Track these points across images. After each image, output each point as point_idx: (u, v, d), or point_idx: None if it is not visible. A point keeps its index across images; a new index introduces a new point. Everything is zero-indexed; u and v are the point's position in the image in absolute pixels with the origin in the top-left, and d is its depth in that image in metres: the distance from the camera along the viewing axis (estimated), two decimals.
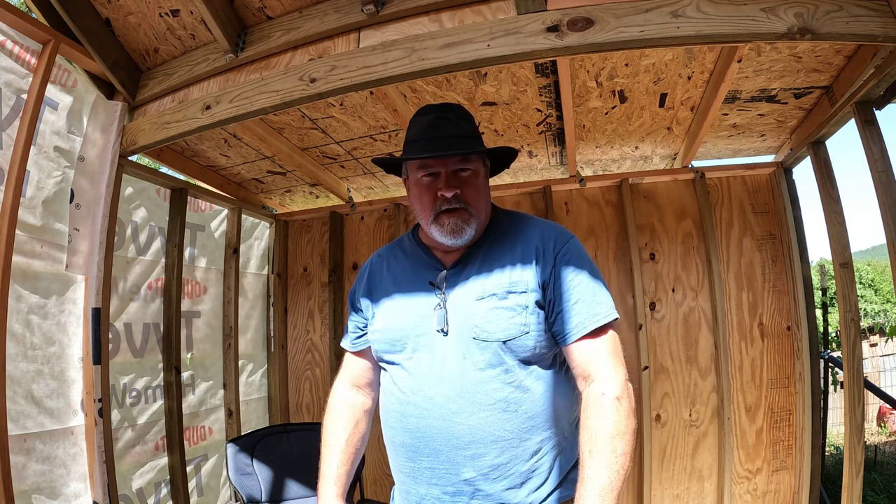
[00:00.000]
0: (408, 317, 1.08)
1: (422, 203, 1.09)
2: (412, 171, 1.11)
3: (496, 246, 1.11)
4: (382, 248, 1.28)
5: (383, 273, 1.19)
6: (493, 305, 1.01)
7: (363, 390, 1.23)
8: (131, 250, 2.19)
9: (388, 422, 1.09)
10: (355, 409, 1.21)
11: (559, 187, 2.71)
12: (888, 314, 14.79)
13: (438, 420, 1.00)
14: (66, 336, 1.75)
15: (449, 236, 1.05)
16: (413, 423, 1.03)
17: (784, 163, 2.49)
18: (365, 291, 1.20)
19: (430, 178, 1.08)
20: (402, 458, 1.06)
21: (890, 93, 1.62)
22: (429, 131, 1.09)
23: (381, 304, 1.14)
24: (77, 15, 1.69)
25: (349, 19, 1.61)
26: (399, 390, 1.06)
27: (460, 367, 1.00)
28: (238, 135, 2.33)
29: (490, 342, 0.99)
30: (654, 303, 2.57)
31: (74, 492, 1.69)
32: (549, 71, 1.91)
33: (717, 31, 1.34)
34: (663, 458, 2.51)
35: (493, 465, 0.98)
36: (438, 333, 1.04)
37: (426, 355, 1.04)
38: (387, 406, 1.10)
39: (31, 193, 1.65)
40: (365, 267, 1.25)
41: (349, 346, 1.23)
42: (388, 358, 1.10)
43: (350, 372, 1.24)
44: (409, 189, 1.14)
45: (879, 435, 5.19)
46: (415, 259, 1.16)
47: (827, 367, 3.39)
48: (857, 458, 1.87)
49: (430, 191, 1.07)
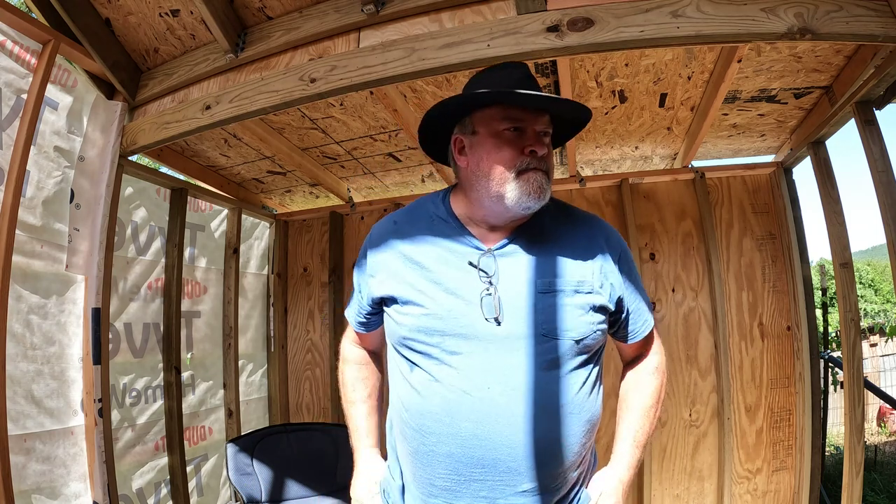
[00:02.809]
0: (450, 302, 0.94)
1: (501, 157, 0.95)
2: (487, 123, 0.98)
3: (552, 235, 1.03)
4: (397, 214, 1.11)
5: (407, 246, 1.03)
6: (562, 301, 0.95)
7: (373, 349, 1.22)
8: (131, 250, 2.19)
9: (423, 427, 0.93)
10: (370, 362, 1.20)
11: (559, 187, 2.71)
12: (888, 314, 14.80)
13: (504, 426, 0.88)
14: (66, 336, 1.75)
15: (534, 195, 0.94)
16: (469, 430, 0.89)
17: (784, 163, 2.49)
18: (382, 267, 1.03)
19: (514, 132, 0.96)
20: (444, 469, 0.91)
21: (890, 93, 1.62)
22: (527, 82, 0.98)
23: (412, 284, 0.98)
24: (77, 15, 1.69)
25: (349, 19, 1.61)
26: (445, 389, 0.91)
27: (524, 364, 0.91)
28: (238, 135, 2.33)
29: (560, 340, 0.93)
30: (653, 303, 2.57)
31: (74, 492, 1.69)
32: (549, 71, 1.91)
33: (717, 31, 1.34)
34: (663, 457, 2.51)
35: (554, 474, 0.91)
36: (489, 324, 0.92)
37: (478, 349, 0.91)
38: (421, 407, 0.93)
39: (31, 193, 1.65)
40: (377, 237, 1.08)
41: (356, 326, 1.17)
42: (423, 348, 0.94)
43: (357, 338, 1.21)
44: (477, 144, 0.98)
45: (879, 435, 5.19)
46: (446, 233, 1.02)
47: (827, 367, 3.39)
48: (857, 458, 1.87)
49: (514, 145, 0.96)
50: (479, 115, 0.99)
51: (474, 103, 0.99)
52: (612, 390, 2.61)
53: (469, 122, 1.00)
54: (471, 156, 1.00)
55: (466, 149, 1.01)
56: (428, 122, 1.05)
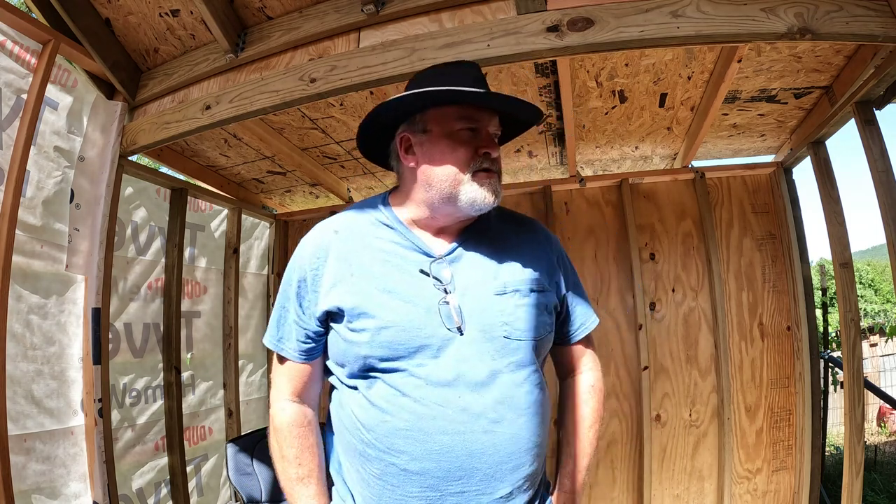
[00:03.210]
0: (410, 313, 0.90)
1: (456, 157, 0.93)
2: (441, 121, 0.95)
3: (498, 237, 1.03)
4: (335, 222, 1.01)
5: (353, 254, 0.96)
6: (519, 302, 0.95)
7: (311, 406, 1.03)
8: (131, 250, 2.19)
9: (392, 446, 0.86)
10: (312, 422, 1.01)
11: (559, 187, 2.71)
12: (888, 314, 14.80)
13: (481, 433, 0.86)
14: (66, 336, 1.75)
15: (489, 197, 0.94)
16: (444, 442, 0.85)
17: (784, 163, 2.49)
18: (328, 279, 0.95)
19: (470, 132, 0.95)
20: (418, 488, 0.85)
21: (890, 93, 1.62)
22: (483, 83, 0.97)
23: (365, 295, 0.91)
24: (77, 15, 1.69)
25: (349, 19, 1.61)
26: (415, 403, 0.86)
27: (492, 369, 0.89)
28: (238, 135, 2.33)
29: (522, 341, 0.93)
30: (654, 303, 2.57)
31: (74, 492, 1.69)
32: (549, 71, 1.91)
33: (717, 31, 1.34)
34: (663, 458, 2.51)
35: (528, 475, 0.90)
36: (451, 332, 0.89)
37: (444, 359, 0.88)
38: (388, 425, 0.87)
39: (31, 193, 1.65)
40: (317, 248, 0.97)
41: (297, 355, 0.99)
42: (387, 365, 0.89)
43: (295, 385, 1.01)
44: (429, 142, 0.96)
45: (879, 435, 5.19)
46: (393, 239, 0.97)
47: (827, 367, 3.39)
48: (857, 458, 1.87)
49: (468, 146, 0.94)
50: (433, 113, 0.96)
51: (431, 101, 0.95)
52: (611, 390, 2.62)
53: (420, 119, 0.97)
54: (421, 155, 0.96)
55: (415, 147, 0.97)
56: (371, 119, 0.99)
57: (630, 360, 2.55)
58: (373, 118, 0.99)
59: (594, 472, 2.55)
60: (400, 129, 0.99)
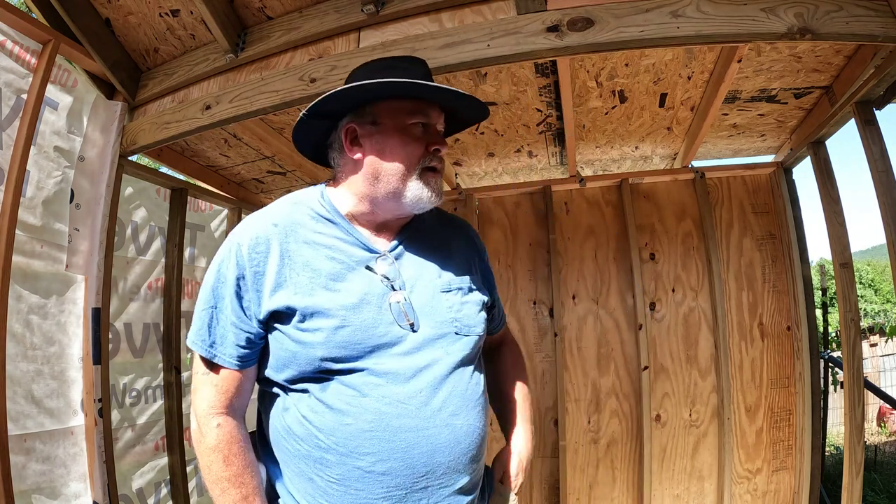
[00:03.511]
0: (363, 311, 0.88)
1: (407, 153, 0.91)
2: (393, 115, 0.93)
3: (435, 235, 1.04)
4: (272, 214, 0.95)
5: (295, 249, 0.91)
6: (463, 299, 0.98)
7: (243, 418, 0.95)
8: (131, 250, 2.19)
9: (356, 449, 0.83)
10: (247, 437, 0.93)
11: (559, 187, 2.71)
12: (888, 314, 14.80)
13: (442, 428, 0.86)
14: (66, 336, 1.75)
15: (434, 196, 0.93)
16: (409, 440, 0.84)
17: (784, 163, 2.49)
18: (270, 277, 0.89)
19: (421, 127, 0.94)
20: (383, 488, 0.83)
21: (890, 93, 1.62)
22: (429, 79, 0.94)
23: (317, 297, 0.87)
24: (77, 15, 1.69)
25: (349, 19, 1.61)
26: (377, 402, 0.85)
27: (446, 364, 0.90)
28: (238, 135, 2.33)
29: (470, 336, 0.96)
30: (654, 303, 2.57)
31: (74, 492, 1.69)
32: (549, 71, 1.91)
33: (717, 31, 1.34)
34: (663, 458, 2.51)
35: (481, 464, 0.95)
36: (403, 329, 0.89)
37: (401, 356, 0.88)
38: (350, 427, 0.84)
39: (31, 193, 1.65)
40: (256, 242, 0.90)
41: (233, 362, 0.90)
42: (343, 366, 0.86)
43: (227, 395, 0.91)
44: (379, 135, 0.92)
45: (879, 435, 5.20)
46: (335, 233, 0.94)
47: (827, 367, 3.39)
48: (857, 458, 1.87)
49: (419, 142, 0.93)
50: (385, 106, 0.93)
51: (386, 93, 0.92)
52: (611, 390, 2.62)
53: (370, 111, 0.93)
54: (369, 147, 0.93)
55: (362, 139, 0.93)
56: (316, 108, 0.95)
57: (630, 360, 2.55)
58: (318, 107, 0.94)
59: (594, 472, 2.55)
60: (345, 120, 0.95)
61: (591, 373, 2.58)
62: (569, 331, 2.61)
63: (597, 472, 2.55)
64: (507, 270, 2.72)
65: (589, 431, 2.57)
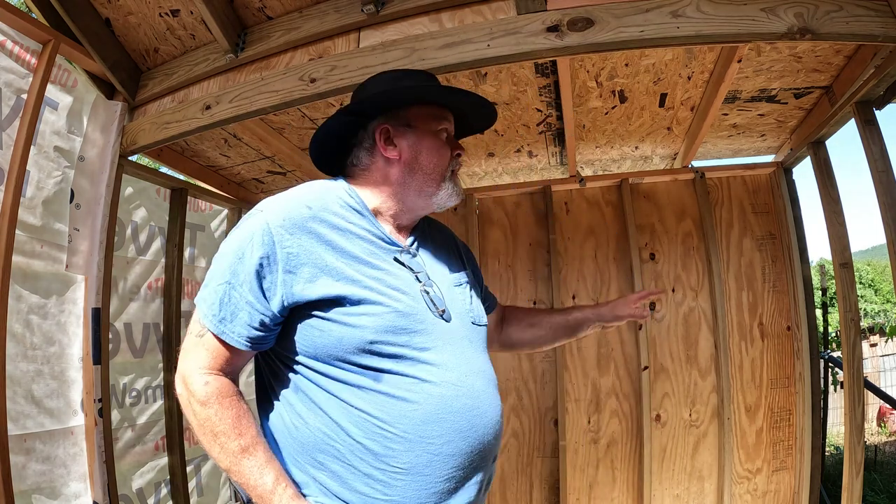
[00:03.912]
0: (403, 298, 0.90)
1: (441, 156, 1.00)
2: (424, 120, 1.01)
3: (432, 234, 1.13)
4: (305, 197, 0.93)
5: (334, 236, 0.90)
6: (470, 293, 1.07)
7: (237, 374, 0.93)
8: (131, 250, 2.19)
9: (425, 434, 0.85)
10: (240, 392, 0.90)
11: (559, 187, 2.71)
12: (888, 314, 14.80)
13: (487, 408, 0.92)
14: (66, 336, 1.75)
15: (457, 197, 1.03)
16: (469, 420, 0.88)
17: (784, 163, 2.49)
18: (307, 261, 0.86)
19: (445, 133, 1.03)
20: (450, 468, 0.86)
21: (890, 93, 1.62)
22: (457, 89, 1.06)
23: (357, 281, 0.88)
24: (77, 15, 1.69)
25: (349, 19, 1.61)
26: (436, 387, 0.87)
27: (475, 350, 0.98)
28: (238, 135, 2.33)
29: (482, 326, 1.05)
30: (653, 303, 2.56)
31: (74, 492, 1.69)
32: (549, 71, 1.91)
33: (717, 31, 1.34)
34: (663, 458, 2.51)
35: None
36: (439, 318, 0.94)
37: (441, 343, 0.91)
38: (416, 413, 0.85)
39: (31, 193, 1.65)
40: (290, 223, 0.88)
41: (241, 342, 0.86)
42: (393, 350, 0.87)
43: (221, 365, 0.88)
44: (415, 138, 0.99)
45: (879, 435, 5.20)
46: (364, 225, 0.96)
47: (827, 367, 3.39)
48: (857, 458, 1.87)
49: (447, 147, 1.02)
50: (416, 111, 1.01)
51: (418, 97, 1.01)
52: (611, 390, 2.63)
53: (403, 114, 1.00)
54: (405, 148, 0.99)
55: (397, 140, 0.99)
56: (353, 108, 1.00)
57: (630, 360, 2.55)
58: (359, 106, 1.00)
59: (594, 472, 2.55)
60: (378, 121, 1.00)
61: (591, 373, 2.58)
62: None
63: (597, 472, 2.55)
64: (507, 270, 2.72)
65: (589, 431, 2.57)
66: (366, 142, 1.02)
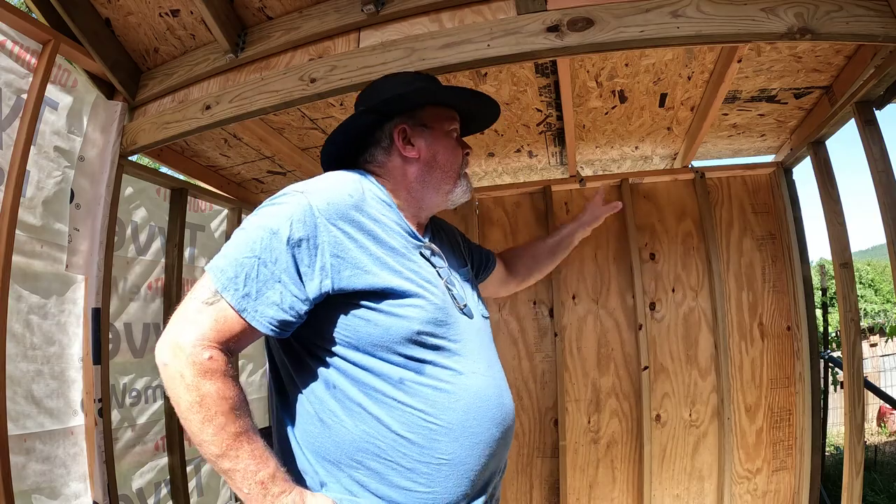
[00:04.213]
0: (436, 291, 0.92)
1: (455, 156, 1.06)
2: (439, 121, 1.05)
3: (440, 232, 1.17)
4: (345, 184, 0.92)
5: (374, 226, 0.90)
6: (476, 287, 1.13)
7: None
8: (131, 250, 2.19)
9: (467, 424, 0.86)
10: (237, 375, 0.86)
11: (559, 187, 2.71)
12: (888, 314, 14.79)
13: (507, 398, 0.97)
14: (66, 336, 1.75)
15: (468, 196, 1.08)
16: (501, 408, 0.93)
17: (784, 163, 2.49)
18: (355, 249, 0.84)
19: (455, 133, 1.08)
20: (484, 457, 0.88)
21: (890, 93, 1.62)
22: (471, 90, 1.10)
23: (399, 273, 0.88)
24: (77, 15, 1.69)
25: (349, 19, 1.61)
26: (470, 379, 0.90)
27: (490, 343, 1.03)
28: (238, 135, 2.33)
29: (489, 319, 1.10)
30: (654, 303, 2.57)
31: (74, 492, 1.69)
32: (549, 71, 1.91)
33: (717, 31, 1.34)
34: (663, 458, 2.51)
35: None
36: (461, 312, 0.97)
37: (466, 335, 0.94)
38: (460, 406, 0.87)
39: (31, 193, 1.65)
40: (336, 207, 0.85)
41: (265, 325, 0.80)
42: (435, 342, 0.88)
43: (226, 338, 0.80)
44: (433, 138, 1.03)
45: (879, 435, 5.20)
46: (394, 219, 0.96)
47: (827, 367, 3.39)
48: (857, 458, 1.87)
49: (459, 147, 1.07)
50: (430, 111, 1.04)
51: (432, 99, 1.06)
52: (611, 390, 2.62)
53: (419, 115, 1.03)
54: (423, 148, 1.02)
55: (414, 140, 1.02)
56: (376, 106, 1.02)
57: (630, 360, 2.55)
58: (379, 105, 1.01)
59: (594, 472, 2.55)
60: (397, 120, 1.02)
61: (591, 373, 2.58)
62: (569, 331, 2.61)
63: (597, 472, 2.55)
64: None
65: (589, 431, 2.57)
66: (383, 141, 1.03)
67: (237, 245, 0.83)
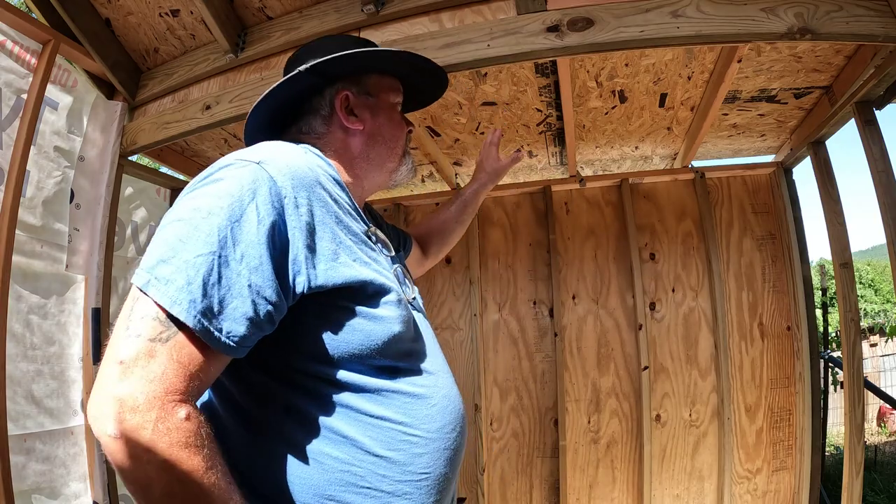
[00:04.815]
0: (398, 286, 0.79)
1: (400, 132, 0.93)
2: (385, 92, 0.92)
3: (368, 211, 1.02)
4: (302, 157, 0.73)
5: (338, 210, 0.73)
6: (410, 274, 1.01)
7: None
8: (131, 250, 2.19)
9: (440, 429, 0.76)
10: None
11: (559, 187, 2.71)
12: (888, 314, 14.79)
13: (460, 399, 0.84)
14: (66, 336, 1.75)
15: (411, 175, 0.97)
16: (461, 407, 0.81)
17: (784, 163, 2.49)
18: (329, 237, 0.68)
19: (399, 107, 0.95)
20: (453, 462, 0.77)
21: (890, 93, 1.62)
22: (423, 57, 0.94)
23: (368, 263, 0.74)
24: (77, 15, 1.69)
25: (349, 19, 1.61)
26: (438, 379, 0.80)
27: (434, 338, 0.89)
28: (238, 135, 2.33)
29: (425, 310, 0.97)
30: (654, 303, 2.57)
31: (74, 492, 1.69)
32: (549, 71, 1.91)
33: (717, 31, 1.34)
34: (663, 458, 2.51)
35: None
36: (411, 304, 0.85)
37: (423, 329, 0.85)
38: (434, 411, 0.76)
39: (31, 193, 1.65)
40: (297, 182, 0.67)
41: (231, 345, 0.60)
42: (407, 344, 0.76)
43: (198, 381, 0.59)
44: (377, 109, 0.90)
45: (879, 435, 5.20)
46: (346, 203, 0.78)
47: (827, 367, 3.39)
48: (857, 458, 1.87)
49: (403, 122, 0.95)
50: (376, 80, 0.91)
51: (384, 66, 0.92)
52: (611, 390, 2.63)
53: (365, 81, 0.89)
54: (367, 119, 0.88)
55: (357, 110, 0.88)
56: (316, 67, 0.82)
57: (630, 360, 2.55)
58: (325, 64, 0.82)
59: (594, 472, 2.55)
60: (339, 86, 0.87)
61: (592, 373, 2.58)
62: (569, 331, 2.61)
63: (597, 472, 2.55)
64: (506, 270, 2.73)
65: (589, 431, 2.57)
66: (323, 109, 0.87)
67: (179, 240, 0.60)
